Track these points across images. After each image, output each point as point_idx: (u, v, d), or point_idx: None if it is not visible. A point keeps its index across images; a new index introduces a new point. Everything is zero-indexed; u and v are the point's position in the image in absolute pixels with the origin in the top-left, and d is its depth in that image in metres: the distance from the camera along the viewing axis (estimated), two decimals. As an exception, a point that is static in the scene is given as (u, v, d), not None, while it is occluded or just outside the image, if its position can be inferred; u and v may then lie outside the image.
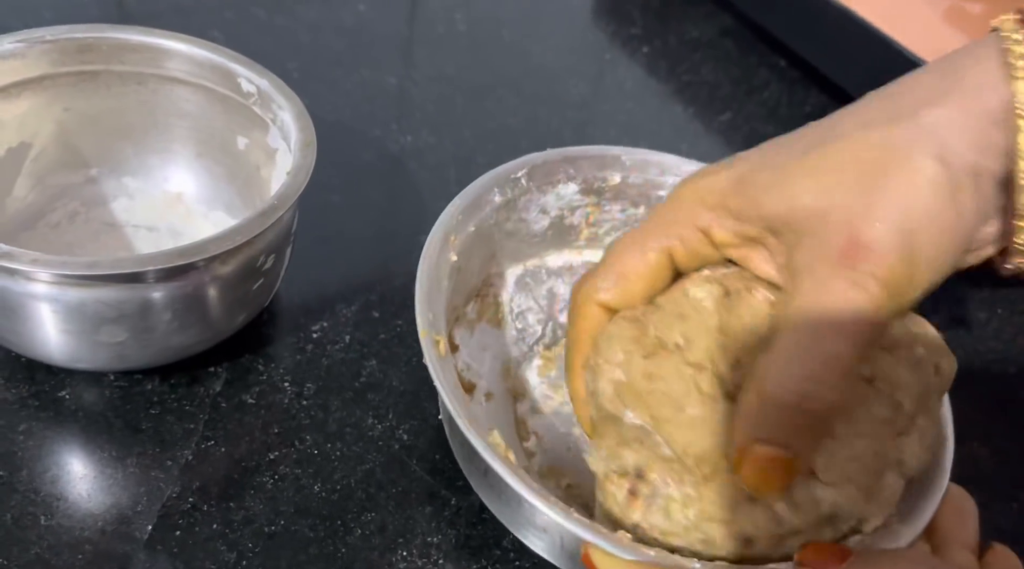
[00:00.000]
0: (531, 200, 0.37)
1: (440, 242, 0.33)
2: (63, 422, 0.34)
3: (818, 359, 0.24)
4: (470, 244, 0.34)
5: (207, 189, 0.41)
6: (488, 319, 0.37)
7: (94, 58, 0.37)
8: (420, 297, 0.31)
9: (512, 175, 0.36)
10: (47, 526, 0.31)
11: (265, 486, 0.33)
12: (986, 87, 0.24)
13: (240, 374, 0.37)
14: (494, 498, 0.31)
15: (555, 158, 0.37)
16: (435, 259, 0.32)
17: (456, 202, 0.34)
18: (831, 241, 0.24)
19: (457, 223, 0.34)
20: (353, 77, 0.54)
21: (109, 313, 0.31)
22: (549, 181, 0.37)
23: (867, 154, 0.25)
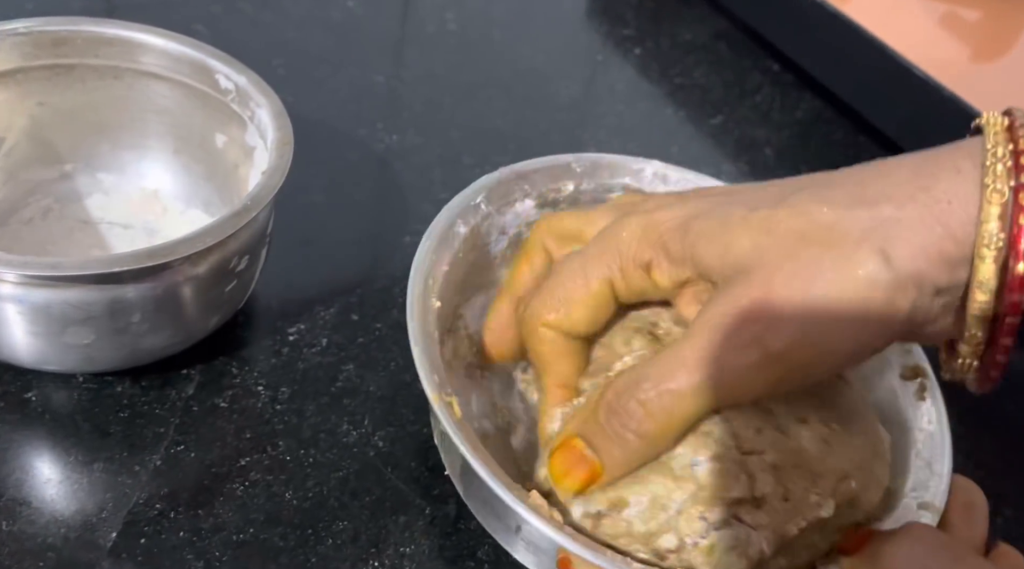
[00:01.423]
0: (492, 224, 0.36)
1: (422, 291, 0.31)
2: (29, 424, 0.33)
3: (659, 387, 0.24)
4: (445, 284, 0.33)
5: (184, 186, 0.40)
6: (464, 355, 0.36)
7: (69, 51, 0.37)
8: (420, 359, 0.29)
9: (471, 203, 0.35)
10: (9, 532, 0.30)
11: (235, 493, 0.33)
12: (955, 202, 0.23)
13: (213, 377, 0.36)
14: (520, 544, 0.30)
15: (509, 177, 0.36)
16: (422, 311, 0.31)
17: (425, 244, 0.33)
18: (739, 291, 0.24)
19: (432, 264, 0.33)
20: (340, 75, 0.54)
21: (76, 314, 0.30)
22: (506, 201, 0.36)
23: (811, 230, 0.24)
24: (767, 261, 0.24)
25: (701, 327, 0.24)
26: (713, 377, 0.24)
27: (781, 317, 0.23)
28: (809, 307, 0.23)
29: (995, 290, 0.23)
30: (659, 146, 0.56)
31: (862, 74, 0.57)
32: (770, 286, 0.24)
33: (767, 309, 0.23)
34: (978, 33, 0.63)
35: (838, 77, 0.60)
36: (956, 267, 0.23)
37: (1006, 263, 0.23)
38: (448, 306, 0.35)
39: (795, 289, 0.23)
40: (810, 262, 0.24)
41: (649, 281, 0.27)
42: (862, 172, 0.26)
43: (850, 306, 0.23)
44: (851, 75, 0.58)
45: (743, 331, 0.23)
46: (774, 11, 0.63)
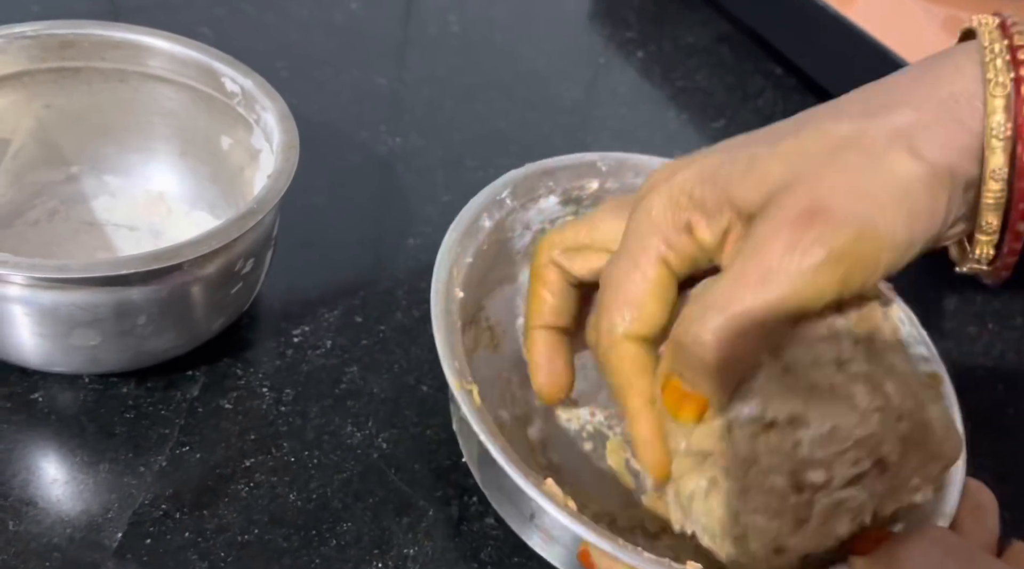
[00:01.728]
0: (516, 219, 0.37)
1: (447, 280, 0.32)
2: (35, 425, 0.34)
3: (726, 310, 0.24)
4: (468, 275, 0.34)
5: (190, 189, 0.41)
6: (485, 345, 0.37)
7: (75, 54, 0.37)
8: (442, 346, 0.30)
9: (497, 197, 0.36)
10: (15, 532, 0.30)
11: (240, 494, 0.33)
12: (962, 99, 0.24)
13: (218, 379, 0.36)
14: (536, 534, 0.30)
15: (535, 172, 0.37)
16: (445, 300, 0.31)
17: (451, 235, 0.34)
18: (787, 204, 0.24)
19: (456, 256, 0.33)
20: (343, 77, 0.54)
21: (82, 316, 0.30)
22: (531, 197, 0.37)
23: (841, 144, 0.24)
24: (805, 176, 0.24)
25: (755, 243, 0.24)
26: (780, 286, 0.24)
27: (836, 215, 0.23)
28: (859, 204, 0.23)
29: (1007, 178, 0.24)
30: (661, 149, 0.55)
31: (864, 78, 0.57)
32: (816, 193, 0.24)
33: (821, 211, 0.23)
34: (979, 37, 0.63)
35: (840, 81, 0.60)
36: (978, 160, 0.24)
37: (1015, 151, 0.24)
38: (471, 297, 0.35)
39: (841, 192, 0.24)
40: (847, 168, 0.24)
41: (695, 242, 0.27)
42: (865, 90, 0.26)
43: (896, 200, 0.24)
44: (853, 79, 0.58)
45: (802, 235, 0.23)
46: (776, 14, 0.63)
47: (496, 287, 0.38)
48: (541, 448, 0.36)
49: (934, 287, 0.51)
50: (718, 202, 0.26)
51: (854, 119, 0.25)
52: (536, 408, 0.37)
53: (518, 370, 0.37)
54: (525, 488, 0.27)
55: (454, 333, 0.31)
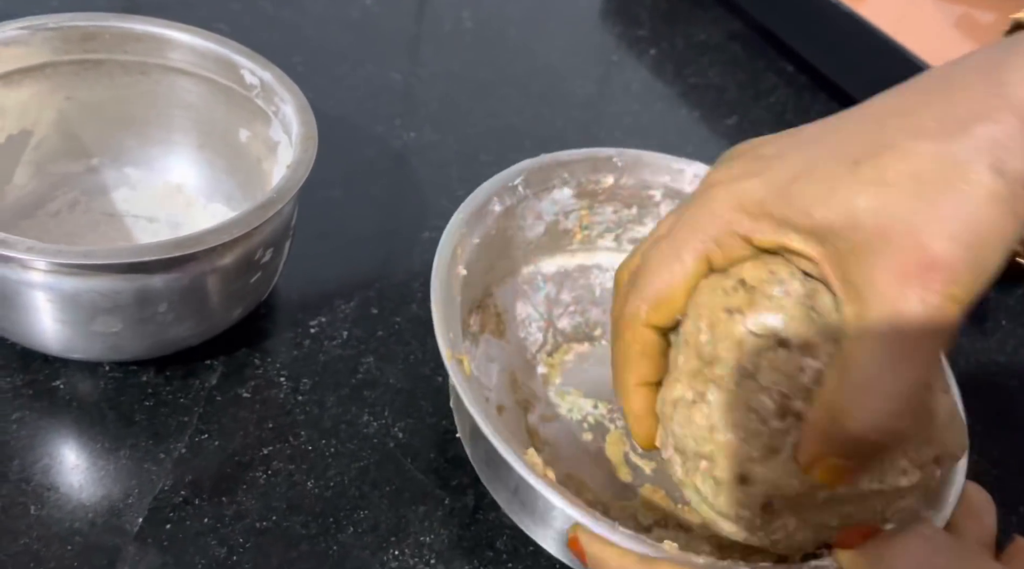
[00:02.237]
0: (528, 207, 0.37)
1: (449, 256, 0.33)
2: (57, 412, 0.34)
3: (894, 391, 0.24)
4: (475, 256, 0.34)
5: (208, 181, 0.41)
6: (491, 331, 0.37)
7: (97, 47, 0.37)
8: (438, 316, 0.30)
9: (510, 183, 0.36)
10: (37, 517, 0.31)
11: (258, 481, 0.33)
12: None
13: (236, 368, 0.37)
14: (523, 513, 0.31)
15: (550, 163, 0.37)
16: (446, 274, 0.32)
17: (459, 215, 0.34)
18: (897, 257, 0.23)
19: (462, 236, 0.34)
20: (358, 72, 0.54)
21: (104, 303, 0.30)
22: (545, 187, 0.37)
23: (924, 168, 0.24)
24: (899, 216, 0.24)
25: (888, 310, 0.24)
26: (927, 351, 0.24)
27: (954, 263, 0.23)
28: (966, 243, 0.23)
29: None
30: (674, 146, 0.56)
31: (877, 75, 0.58)
32: (925, 242, 0.23)
33: (938, 265, 0.23)
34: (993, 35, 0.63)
35: (853, 78, 0.60)
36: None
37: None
38: (479, 282, 0.36)
39: (946, 235, 0.23)
40: (942, 203, 0.24)
41: (748, 249, 0.27)
42: (928, 94, 0.26)
43: (993, 228, 0.23)
44: (866, 76, 0.59)
45: (932, 294, 0.23)
46: (789, 12, 0.63)
47: (506, 276, 0.38)
48: (540, 434, 0.36)
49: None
50: (789, 221, 0.26)
51: (936, 140, 0.24)
52: (537, 395, 0.37)
53: (521, 357, 0.37)
54: (504, 454, 0.27)
55: (452, 307, 0.31)
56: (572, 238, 0.40)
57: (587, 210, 0.39)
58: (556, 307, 0.40)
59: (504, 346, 0.37)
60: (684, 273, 0.27)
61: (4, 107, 0.36)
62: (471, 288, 0.35)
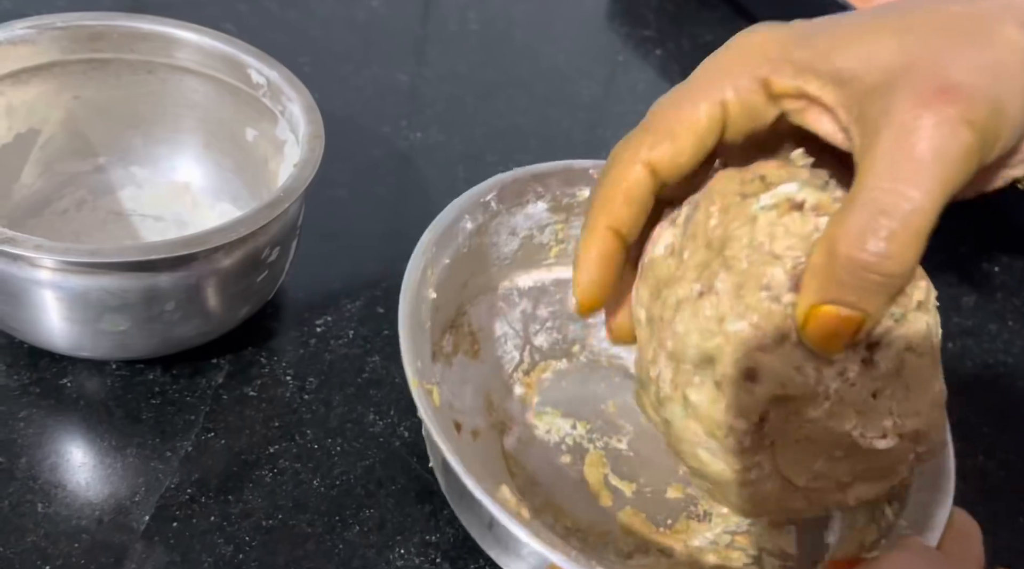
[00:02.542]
0: (501, 223, 0.36)
1: (418, 280, 0.32)
2: (64, 410, 0.34)
3: (898, 214, 0.22)
4: (446, 277, 0.33)
5: (214, 180, 0.41)
6: (464, 351, 0.36)
7: (105, 46, 0.37)
8: (406, 345, 0.29)
9: (481, 199, 0.35)
10: (44, 514, 0.31)
11: (264, 480, 0.33)
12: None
13: (242, 367, 0.37)
14: (498, 548, 0.30)
15: (524, 177, 0.36)
16: (415, 299, 0.31)
17: (427, 236, 0.33)
18: (916, 87, 0.23)
19: (432, 257, 0.33)
20: (364, 73, 0.54)
21: (112, 301, 0.31)
22: (518, 202, 0.36)
23: (950, 21, 0.24)
24: (924, 54, 0.23)
25: (898, 131, 0.23)
26: (939, 175, 0.22)
27: (969, 91, 0.23)
28: (984, 79, 0.23)
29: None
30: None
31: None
32: (943, 71, 0.23)
33: (953, 89, 0.22)
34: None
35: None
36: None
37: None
38: (451, 302, 0.35)
39: (965, 68, 0.23)
40: (966, 44, 0.23)
41: (766, 96, 0.25)
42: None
43: (1013, 74, 0.23)
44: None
45: (947, 116, 0.22)
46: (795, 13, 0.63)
47: (480, 294, 0.37)
48: (516, 459, 0.35)
49: (955, 284, 0.51)
50: (810, 64, 0.25)
51: (963, 2, 0.24)
52: (514, 417, 0.36)
53: (497, 378, 0.37)
54: (476, 493, 0.26)
55: (421, 334, 0.30)
56: (548, 252, 0.39)
57: (563, 224, 0.38)
58: (533, 323, 0.39)
59: (479, 367, 0.36)
60: (696, 116, 0.26)
61: (12, 106, 0.37)
62: (443, 309, 0.34)
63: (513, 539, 0.28)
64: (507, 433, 0.36)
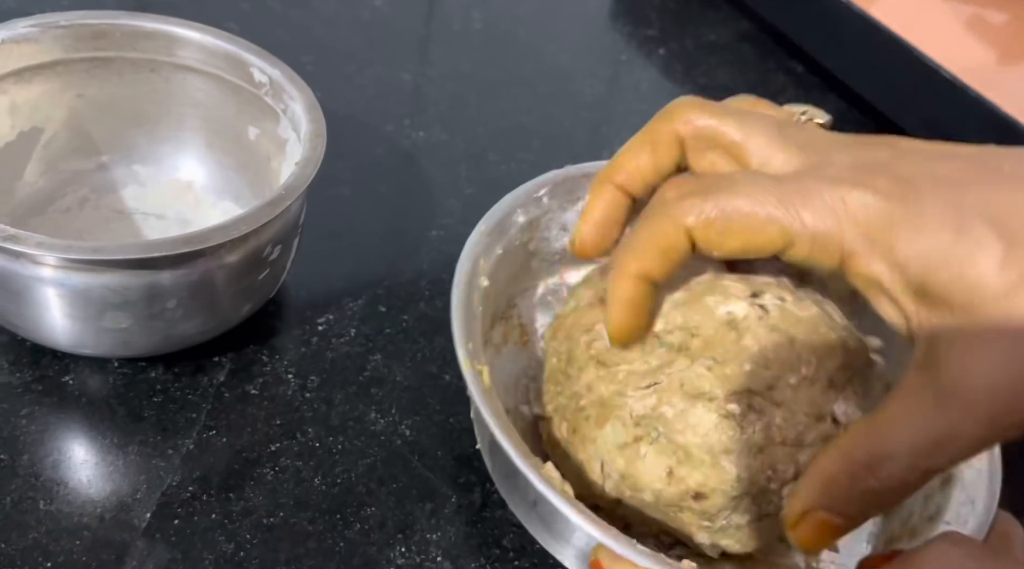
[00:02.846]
0: (552, 218, 0.37)
1: (471, 267, 0.32)
2: (66, 407, 0.34)
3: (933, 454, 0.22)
4: (497, 267, 0.34)
5: (217, 178, 0.41)
6: (514, 341, 0.37)
7: (108, 44, 0.37)
8: (458, 327, 0.30)
9: (534, 194, 0.36)
10: (46, 511, 0.31)
11: (265, 478, 0.33)
12: None
13: (244, 365, 0.37)
14: (541, 528, 0.30)
15: (575, 174, 0.37)
16: (468, 285, 0.32)
17: (481, 226, 0.34)
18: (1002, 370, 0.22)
19: (485, 246, 0.33)
20: (367, 72, 0.54)
21: (114, 299, 0.31)
22: (570, 198, 0.37)
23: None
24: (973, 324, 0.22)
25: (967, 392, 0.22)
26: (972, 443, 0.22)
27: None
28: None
29: None
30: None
31: (888, 75, 0.57)
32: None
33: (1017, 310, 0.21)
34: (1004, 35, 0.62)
35: (864, 78, 0.60)
36: None
37: None
38: (502, 293, 0.35)
39: None
40: None
41: (837, 265, 0.25)
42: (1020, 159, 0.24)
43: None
44: (876, 76, 0.58)
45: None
46: (799, 13, 0.63)
47: (530, 287, 0.38)
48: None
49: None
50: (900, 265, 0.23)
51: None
52: None
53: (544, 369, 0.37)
54: (521, 467, 0.26)
55: (473, 319, 0.31)
56: None
57: None
58: None
59: (527, 357, 0.37)
60: (762, 232, 0.25)
61: (16, 104, 0.37)
62: (494, 299, 0.34)
63: (558, 519, 0.28)
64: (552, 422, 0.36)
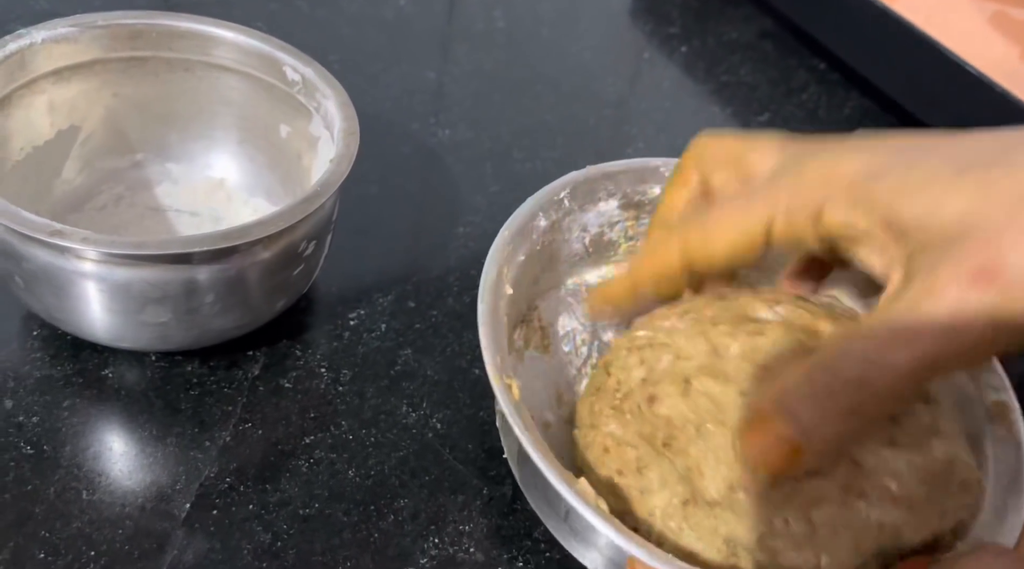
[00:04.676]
0: (573, 220, 0.37)
1: (495, 277, 0.32)
2: (106, 400, 0.35)
3: (903, 355, 0.22)
4: (520, 273, 0.34)
5: (249, 176, 0.42)
6: (535, 346, 0.37)
7: (144, 44, 0.38)
8: (486, 340, 0.30)
9: (555, 197, 0.36)
10: (89, 501, 0.32)
11: (300, 470, 0.34)
12: None
13: (278, 359, 0.37)
14: (571, 537, 0.31)
15: (596, 175, 0.37)
16: (492, 296, 0.32)
17: (504, 232, 0.34)
18: (966, 255, 0.22)
19: (508, 254, 0.33)
20: (393, 71, 0.55)
21: (154, 293, 0.31)
22: (591, 199, 0.37)
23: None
24: (987, 225, 0.22)
25: (920, 295, 0.23)
26: (939, 346, 0.22)
27: (1009, 279, 0.22)
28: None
29: None
30: (705, 143, 0.56)
31: (910, 71, 0.57)
32: (995, 250, 0.22)
33: (1001, 275, 0.22)
34: (1028, 31, 0.62)
35: (886, 75, 0.60)
36: None
37: None
38: (523, 297, 0.35)
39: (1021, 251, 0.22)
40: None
41: (812, 228, 0.26)
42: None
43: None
44: (899, 72, 0.58)
45: (975, 298, 0.22)
46: (821, 10, 0.63)
47: (550, 289, 0.38)
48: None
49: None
50: (869, 205, 0.25)
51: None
52: None
53: (567, 372, 0.37)
54: (554, 483, 0.26)
55: (499, 329, 0.31)
56: (616, 249, 0.39)
57: (633, 221, 0.39)
58: None
59: (549, 361, 0.37)
60: (735, 223, 0.27)
61: (54, 103, 0.37)
62: (516, 304, 0.34)
63: (591, 531, 0.29)
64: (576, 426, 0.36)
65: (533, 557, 0.33)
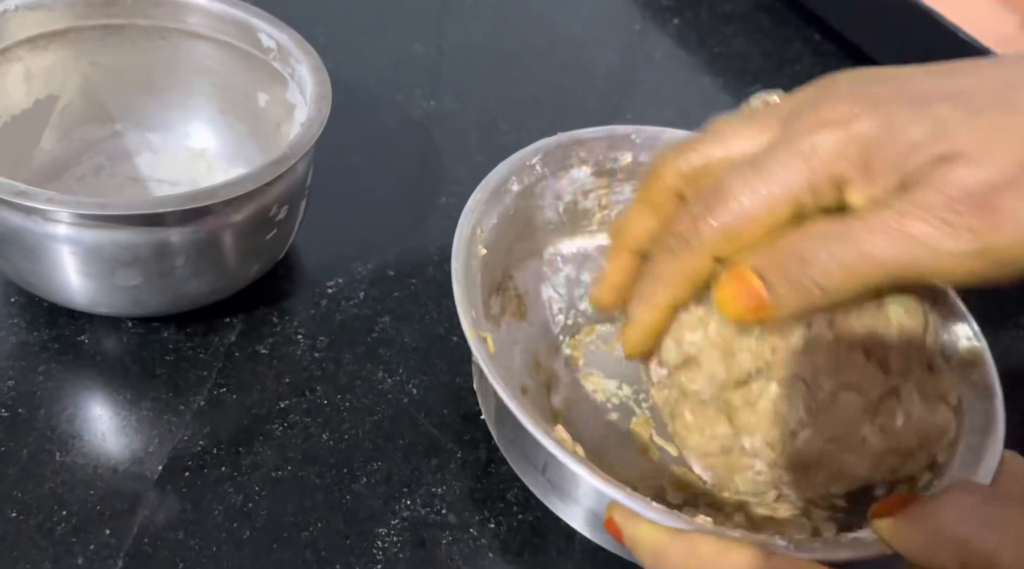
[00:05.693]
0: (546, 186, 0.37)
1: (469, 236, 0.32)
2: (82, 365, 0.35)
3: (853, 247, 0.23)
4: (494, 236, 0.34)
5: (228, 145, 0.42)
6: (512, 313, 0.37)
7: (118, 12, 0.38)
8: (459, 295, 0.30)
9: (527, 162, 0.36)
10: (62, 462, 0.32)
11: (274, 433, 0.34)
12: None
13: (255, 326, 0.37)
14: (550, 491, 0.31)
15: (567, 141, 0.37)
16: (466, 254, 0.32)
17: (478, 193, 0.34)
18: (956, 181, 0.22)
19: (481, 214, 0.33)
20: (380, 43, 0.55)
21: (124, 256, 0.31)
22: (562, 166, 0.37)
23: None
24: (987, 153, 0.23)
25: (914, 204, 0.23)
26: (917, 255, 0.23)
27: (1002, 211, 0.22)
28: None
29: None
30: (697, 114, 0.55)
31: (906, 42, 0.57)
32: (990, 180, 0.22)
33: (993, 202, 0.22)
34: (1027, -2, 0.61)
35: (881, 45, 0.59)
36: None
37: None
38: (498, 263, 0.35)
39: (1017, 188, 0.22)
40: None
41: (837, 200, 0.25)
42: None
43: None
44: (895, 43, 0.58)
45: (963, 218, 0.22)
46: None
47: (525, 258, 0.38)
48: (564, 415, 0.36)
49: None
50: (890, 168, 0.24)
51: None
52: (561, 378, 0.37)
53: (544, 339, 0.37)
54: (532, 430, 0.26)
55: (473, 287, 0.31)
56: (591, 218, 0.39)
57: (606, 189, 0.39)
58: (577, 288, 0.39)
59: (526, 328, 0.37)
60: (770, 212, 0.25)
61: (31, 71, 0.37)
62: (491, 269, 0.34)
63: (569, 481, 0.29)
64: (554, 391, 0.36)
65: (505, 518, 0.33)
